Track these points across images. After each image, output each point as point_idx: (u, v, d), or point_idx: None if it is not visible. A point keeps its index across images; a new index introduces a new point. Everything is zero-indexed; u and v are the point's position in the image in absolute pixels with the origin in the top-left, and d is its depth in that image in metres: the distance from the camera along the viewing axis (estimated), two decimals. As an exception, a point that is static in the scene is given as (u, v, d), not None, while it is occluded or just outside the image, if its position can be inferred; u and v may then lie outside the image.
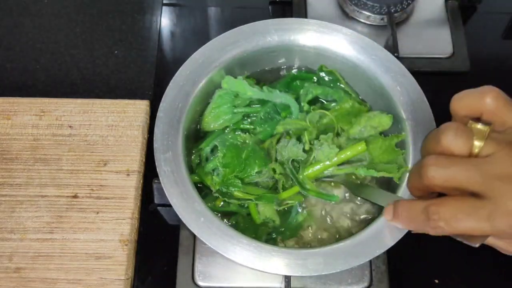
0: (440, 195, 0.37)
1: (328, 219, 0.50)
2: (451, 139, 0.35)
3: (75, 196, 0.55)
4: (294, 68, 0.57)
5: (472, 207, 0.33)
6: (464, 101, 0.37)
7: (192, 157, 0.51)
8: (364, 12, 0.69)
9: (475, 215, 0.33)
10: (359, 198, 0.51)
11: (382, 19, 0.69)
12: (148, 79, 0.66)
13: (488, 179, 0.33)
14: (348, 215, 0.50)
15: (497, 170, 0.34)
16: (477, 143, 0.35)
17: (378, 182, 0.52)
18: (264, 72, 0.56)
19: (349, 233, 0.49)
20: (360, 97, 0.55)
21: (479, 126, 0.36)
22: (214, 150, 0.51)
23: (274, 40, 0.53)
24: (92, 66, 0.67)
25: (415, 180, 0.38)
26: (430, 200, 0.36)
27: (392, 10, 0.69)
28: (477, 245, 0.36)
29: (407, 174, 0.44)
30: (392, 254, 0.54)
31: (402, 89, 0.50)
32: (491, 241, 0.38)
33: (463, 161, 0.35)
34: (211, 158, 0.50)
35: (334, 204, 0.50)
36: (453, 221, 0.34)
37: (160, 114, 0.48)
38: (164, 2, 0.73)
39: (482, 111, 0.37)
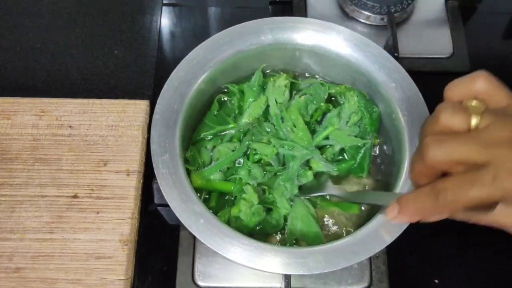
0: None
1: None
2: (449, 115, 0.36)
3: (75, 196, 0.55)
4: (292, 72, 0.57)
5: (476, 175, 0.34)
6: (457, 87, 0.38)
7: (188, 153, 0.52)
8: (364, 12, 0.69)
9: (481, 181, 0.34)
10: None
11: (382, 19, 0.69)
12: (148, 79, 0.66)
13: (487, 147, 0.34)
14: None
15: (495, 136, 0.34)
16: (474, 119, 0.36)
17: (377, 187, 0.52)
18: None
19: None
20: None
21: (474, 103, 0.37)
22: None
23: (268, 39, 0.52)
24: (92, 66, 0.67)
25: (418, 165, 0.39)
26: (434, 182, 0.37)
27: (392, 10, 0.69)
28: (488, 215, 0.37)
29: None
30: (392, 254, 0.54)
31: (397, 85, 0.50)
32: (500, 219, 0.39)
33: (461, 135, 0.36)
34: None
35: None
36: (461, 192, 0.35)
37: (156, 116, 0.48)
38: (164, 2, 0.73)
39: (475, 95, 0.38)
